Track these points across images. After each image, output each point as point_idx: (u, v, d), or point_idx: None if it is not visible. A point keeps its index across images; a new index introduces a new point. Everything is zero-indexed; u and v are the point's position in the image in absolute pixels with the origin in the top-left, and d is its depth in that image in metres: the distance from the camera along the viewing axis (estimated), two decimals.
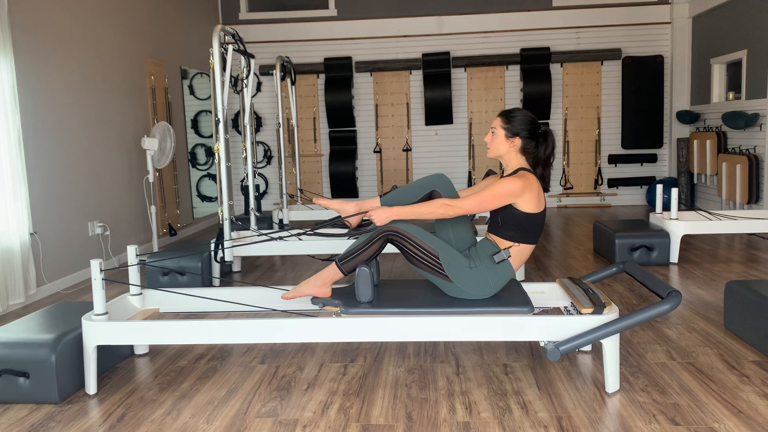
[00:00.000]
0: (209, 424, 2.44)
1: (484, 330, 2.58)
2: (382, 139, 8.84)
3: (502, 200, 2.73)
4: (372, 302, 2.79)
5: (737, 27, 7.09)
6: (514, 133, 2.82)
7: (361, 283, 2.76)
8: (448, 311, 2.69)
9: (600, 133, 8.65)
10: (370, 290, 2.77)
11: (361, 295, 2.77)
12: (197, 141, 7.69)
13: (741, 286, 3.20)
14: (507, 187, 2.71)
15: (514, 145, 2.83)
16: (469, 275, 2.76)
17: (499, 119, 2.86)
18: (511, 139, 2.83)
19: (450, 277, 2.77)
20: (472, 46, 8.61)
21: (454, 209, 2.71)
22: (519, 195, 2.73)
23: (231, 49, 4.64)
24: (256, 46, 8.76)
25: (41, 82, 4.69)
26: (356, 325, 2.60)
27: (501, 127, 2.84)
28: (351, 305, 2.75)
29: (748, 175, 6.54)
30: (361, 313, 2.70)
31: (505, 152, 2.86)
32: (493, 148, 2.88)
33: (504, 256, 2.76)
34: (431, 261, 2.77)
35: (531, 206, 2.76)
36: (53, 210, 4.77)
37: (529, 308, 2.65)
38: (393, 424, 2.39)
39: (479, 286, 2.77)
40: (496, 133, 2.86)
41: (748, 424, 2.31)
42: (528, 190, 2.73)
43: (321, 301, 2.84)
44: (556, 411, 2.45)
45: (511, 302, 2.72)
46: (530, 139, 2.83)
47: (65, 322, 2.90)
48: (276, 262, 5.49)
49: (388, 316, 2.63)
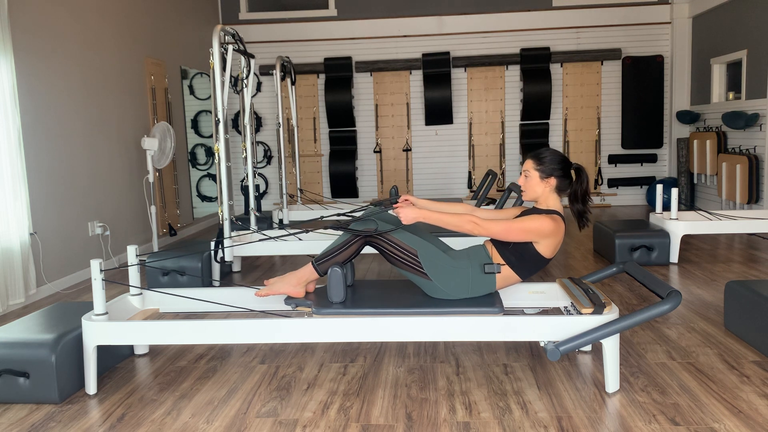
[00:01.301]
0: (209, 424, 2.44)
1: (483, 330, 2.58)
2: (382, 139, 8.84)
3: (529, 237, 2.75)
4: (344, 302, 2.81)
5: (737, 27, 7.09)
6: (548, 173, 2.84)
7: (334, 283, 2.78)
8: (423, 311, 2.71)
9: (600, 133, 8.65)
10: (342, 291, 2.79)
11: (333, 296, 2.79)
12: (197, 141, 7.69)
13: (741, 286, 3.20)
14: (539, 227, 2.73)
15: (549, 185, 2.85)
16: (450, 273, 2.79)
17: (531, 162, 2.87)
18: (546, 180, 2.84)
19: (428, 274, 2.80)
20: (472, 46, 8.61)
21: (480, 230, 2.73)
22: (545, 237, 2.75)
23: (231, 49, 4.64)
24: (256, 46, 8.76)
25: (41, 82, 4.69)
26: (356, 325, 2.60)
27: (534, 169, 2.85)
28: (323, 306, 2.76)
29: (748, 175, 6.54)
30: (333, 314, 2.71)
31: (541, 193, 2.87)
32: (528, 190, 2.89)
33: (494, 271, 2.79)
34: (409, 260, 2.80)
35: (547, 250, 2.80)
36: (53, 210, 4.77)
37: (498, 309, 2.67)
38: (393, 424, 2.39)
39: (457, 285, 2.79)
40: (530, 176, 2.87)
41: (748, 424, 2.31)
42: (554, 236, 2.76)
43: (294, 302, 2.87)
44: (556, 411, 2.45)
45: (482, 303, 2.75)
46: (564, 178, 2.84)
47: (65, 322, 2.90)
48: (276, 262, 5.49)
49: (360, 317, 2.64)
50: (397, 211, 2.75)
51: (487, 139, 8.73)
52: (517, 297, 3.12)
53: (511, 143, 8.74)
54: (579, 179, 2.85)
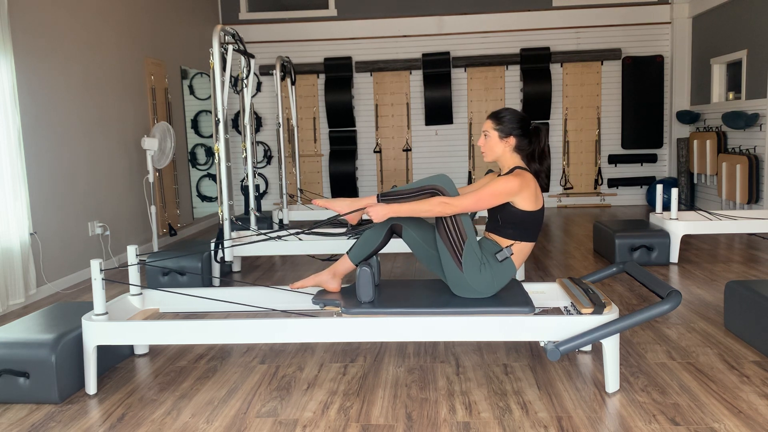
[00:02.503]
0: (209, 424, 2.44)
1: (485, 330, 2.58)
2: (382, 139, 8.84)
3: (500, 198, 2.74)
4: (373, 302, 2.79)
5: (737, 27, 7.09)
6: (506, 132, 2.85)
7: (363, 282, 2.76)
8: (448, 311, 2.69)
9: (600, 133, 8.65)
10: (371, 290, 2.77)
11: (362, 295, 2.78)
12: (197, 141, 7.69)
13: (741, 286, 3.20)
14: (504, 186, 2.72)
15: (509, 144, 2.86)
16: (479, 270, 2.77)
17: (490, 121, 2.88)
18: (505, 139, 2.85)
19: (463, 265, 2.76)
20: (472, 46, 8.61)
21: (452, 207, 2.71)
22: (516, 193, 2.74)
23: (231, 49, 4.64)
24: (256, 46, 8.76)
25: (41, 82, 4.69)
26: (357, 325, 2.60)
27: (493, 129, 2.86)
28: (352, 305, 2.75)
29: (748, 175, 6.54)
30: (362, 313, 2.70)
31: (501, 153, 2.87)
32: (488, 151, 2.89)
33: (507, 254, 2.78)
34: (457, 240, 2.77)
35: (529, 204, 2.77)
36: (53, 210, 4.77)
37: (529, 308, 2.65)
38: (393, 424, 2.39)
39: (484, 283, 2.77)
40: (489, 136, 2.88)
41: (748, 424, 2.31)
42: (525, 188, 2.75)
43: (322, 301, 2.85)
44: (556, 411, 2.45)
45: (512, 302, 2.72)
46: (523, 137, 2.85)
47: (65, 322, 2.90)
48: (276, 262, 5.49)
49: (389, 316, 2.63)
50: (367, 211, 2.76)
51: None
52: None
53: None
54: (537, 138, 2.86)
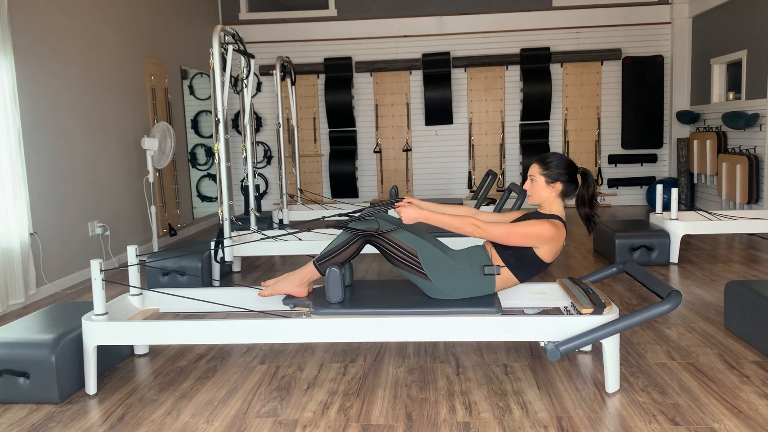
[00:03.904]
0: (209, 424, 2.44)
1: (484, 330, 2.58)
2: (382, 139, 8.84)
3: (530, 241, 2.75)
4: (343, 302, 2.81)
5: (737, 27, 7.09)
6: (554, 178, 2.84)
7: (332, 284, 2.78)
8: (420, 311, 2.71)
9: (600, 133, 8.65)
10: (340, 291, 2.79)
11: (331, 296, 2.79)
12: (197, 141, 7.69)
13: (741, 286, 3.20)
14: (539, 232, 2.72)
15: (555, 190, 2.85)
16: (449, 274, 2.79)
17: (537, 166, 2.87)
18: (552, 185, 2.84)
19: (428, 275, 2.80)
20: (472, 46, 8.61)
21: (481, 232, 2.72)
22: (545, 243, 2.76)
23: (231, 49, 4.64)
24: (256, 46, 8.75)
25: (41, 82, 4.69)
26: (356, 326, 2.60)
27: (540, 174, 2.86)
28: (321, 306, 2.76)
29: (748, 175, 6.54)
30: (330, 314, 2.71)
31: (547, 197, 2.87)
32: (534, 194, 2.89)
33: (494, 272, 2.79)
34: (410, 260, 2.80)
35: (547, 255, 2.80)
36: (53, 210, 4.77)
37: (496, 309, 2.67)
38: (393, 424, 2.39)
39: (457, 285, 2.79)
40: (535, 180, 2.87)
41: (748, 424, 2.31)
42: (555, 242, 2.77)
43: (292, 302, 2.88)
44: (556, 411, 2.45)
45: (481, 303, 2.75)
46: (570, 183, 2.85)
47: (65, 322, 2.90)
48: (276, 262, 5.49)
49: (358, 317, 2.64)
50: (399, 211, 2.75)
51: (487, 140, 8.73)
52: (517, 297, 3.12)
53: (511, 143, 8.74)
54: (585, 183, 2.84)
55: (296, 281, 2.91)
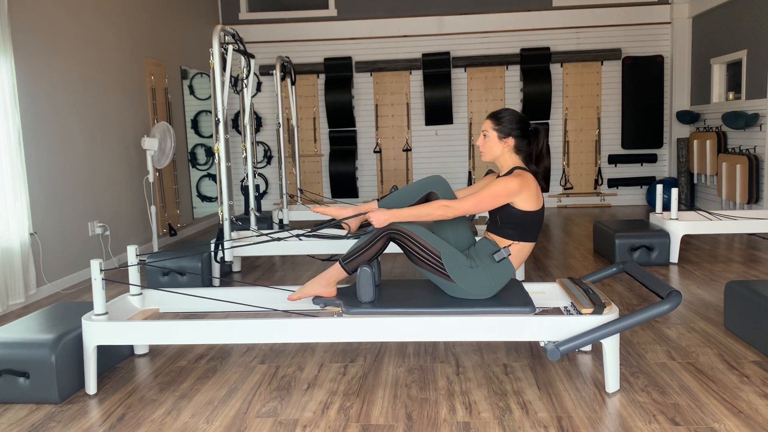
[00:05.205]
0: (209, 424, 2.44)
1: (485, 330, 2.58)
2: (382, 139, 8.84)
3: (500, 200, 2.74)
4: (373, 302, 2.79)
5: (737, 27, 7.09)
6: (506, 133, 2.85)
7: (363, 283, 2.76)
8: (448, 311, 2.69)
9: (600, 133, 8.65)
10: (371, 290, 2.77)
11: (362, 295, 2.78)
12: (197, 141, 7.69)
13: (741, 286, 3.20)
14: (504, 187, 2.72)
15: (508, 144, 2.86)
16: (470, 275, 2.77)
17: (489, 121, 2.88)
18: (504, 140, 2.85)
19: (451, 276, 2.77)
20: (472, 46, 8.61)
21: (453, 210, 2.72)
22: (516, 194, 2.74)
23: (231, 49, 4.64)
24: (256, 46, 8.76)
25: (41, 82, 4.69)
26: (357, 325, 2.60)
27: (492, 129, 2.87)
28: (352, 305, 2.75)
29: (748, 175, 6.54)
30: (363, 313, 2.70)
31: (499, 153, 2.88)
32: (486, 151, 2.90)
33: (504, 255, 2.77)
34: (433, 260, 2.78)
35: (529, 204, 2.77)
36: (53, 210, 4.77)
37: (530, 308, 2.65)
38: (393, 424, 2.39)
39: (480, 285, 2.77)
40: (488, 136, 2.88)
41: (748, 424, 2.31)
42: (525, 188, 2.75)
43: (323, 301, 2.86)
44: (556, 411, 2.45)
45: (512, 302, 2.73)
46: (522, 138, 2.86)
47: (65, 322, 2.90)
48: (276, 262, 5.49)
49: (390, 316, 2.63)
50: (368, 217, 2.76)
51: None
52: None
53: None
54: (536, 139, 2.87)
55: (323, 282, 2.90)
